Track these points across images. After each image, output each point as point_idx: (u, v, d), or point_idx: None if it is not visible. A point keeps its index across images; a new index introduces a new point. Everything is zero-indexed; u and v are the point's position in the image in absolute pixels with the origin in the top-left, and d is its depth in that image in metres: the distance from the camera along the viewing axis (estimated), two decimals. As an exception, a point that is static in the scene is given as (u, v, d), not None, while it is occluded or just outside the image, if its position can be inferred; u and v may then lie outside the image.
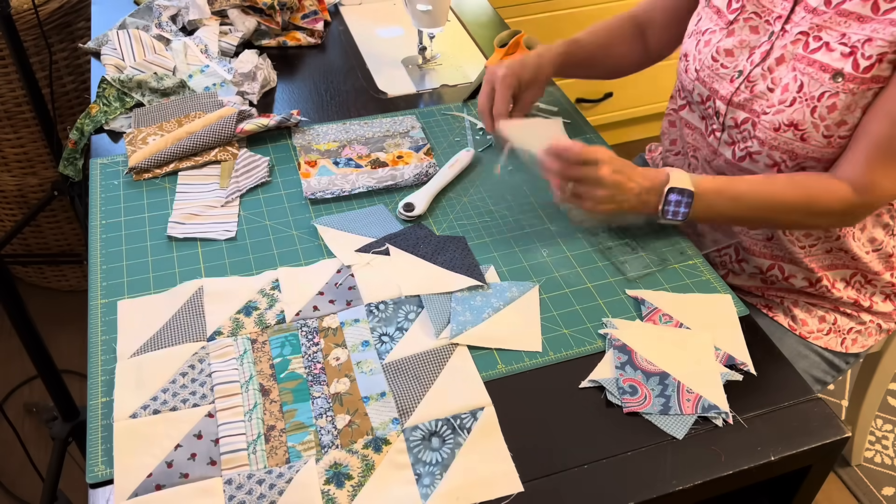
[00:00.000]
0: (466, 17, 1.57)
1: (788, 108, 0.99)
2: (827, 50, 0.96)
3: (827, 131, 0.98)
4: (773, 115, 1.01)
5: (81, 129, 1.20)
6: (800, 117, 0.98)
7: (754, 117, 1.04)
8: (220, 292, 0.93)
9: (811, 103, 0.97)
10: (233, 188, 1.08)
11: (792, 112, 0.99)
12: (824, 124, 0.98)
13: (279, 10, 1.41)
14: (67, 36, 1.73)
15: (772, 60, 1.02)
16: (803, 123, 0.98)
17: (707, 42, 1.09)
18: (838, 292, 1.15)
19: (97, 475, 0.75)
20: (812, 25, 0.98)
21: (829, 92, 0.96)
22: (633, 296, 0.95)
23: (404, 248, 1.00)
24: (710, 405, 0.83)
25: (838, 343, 1.18)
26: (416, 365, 0.86)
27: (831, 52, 0.96)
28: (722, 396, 0.83)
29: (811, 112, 0.98)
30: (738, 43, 1.06)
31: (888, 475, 1.72)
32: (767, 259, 1.15)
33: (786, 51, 1.00)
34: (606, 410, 0.83)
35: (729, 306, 0.95)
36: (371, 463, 0.77)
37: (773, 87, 1.01)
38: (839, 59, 0.95)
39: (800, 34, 0.99)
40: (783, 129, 1.00)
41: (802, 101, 0.98)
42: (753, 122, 1.04)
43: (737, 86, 1.05)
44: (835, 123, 0.97)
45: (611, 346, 0.88)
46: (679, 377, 0.85)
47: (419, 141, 1.19)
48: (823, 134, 0.98)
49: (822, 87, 0.96)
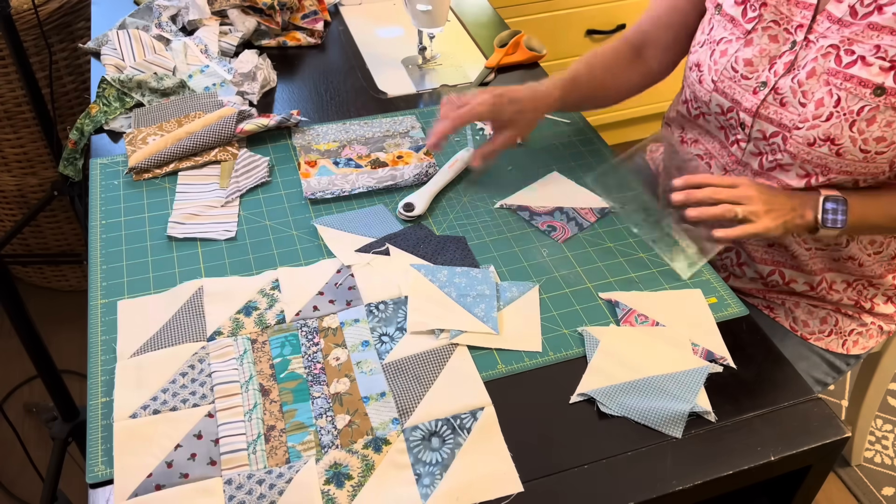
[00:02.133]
0: (466, 17, 1.57)
1: (825, 122, 0.97)
2: (864, 64, 0.94)
3: (864, 146, 0.97)
4: (806, 129, 0.99)
5: (81, 129, 1.20)
6: (837, 132, 0.97)
7: (784, 131, 1.02)
8: (220, 292, 0.93)
9: (850, 118, 0.96)
10: (233, 188, 1.08)
11: (829, 127, 0.97)
12: (862, 138, 0.96)
13: (279, 10, 1.41)
14: (67, 36, 1.73)
15: (802, 74, 1.00)
16: (840, 138, 0.97)
17: (724, 52, 1.07)
18: (837, 294, 1.15)
19: (97, 475, 0.76)
20: (842, 38, 0.96)
21: (870, 106, 0.95)
22: (605, 298, 0.95)
23: (404, 248, 1.00)
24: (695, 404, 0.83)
25: (839, 344, 1.18)
26: (416, 365, 0.86)
27: (869, 67, 0.94)
28: (703, 394, 0.84)
29: (850, 126, 0.96)
30: (757, 52, 1.04)
31: (888, 475, 1.72)
32: (768, 265, 1.15)
33: (816, 64, 0.98)
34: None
35: (700, 301, 0.95)
36: (371, 463, 0.77)
37: (806, 101, 0.99)
38: (879, 73, 0.93)
39: (830, 48, 0.97)
40: (818, 144, 0.99)
41: (840, 115, 0.96)
42: (784, 136, 1.02)
43: (762, 97, 1.03)
44: (873, 138, 0.96)
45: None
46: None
47: (419, 141, 1.19)
48: (861, 149, 0.97)
49: (862, 101, 0.95)
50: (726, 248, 1.19)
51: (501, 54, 1.38)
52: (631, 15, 2.28)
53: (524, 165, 1.16)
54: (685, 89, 1.19)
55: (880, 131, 0.96)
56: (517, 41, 1.39)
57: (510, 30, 1.44)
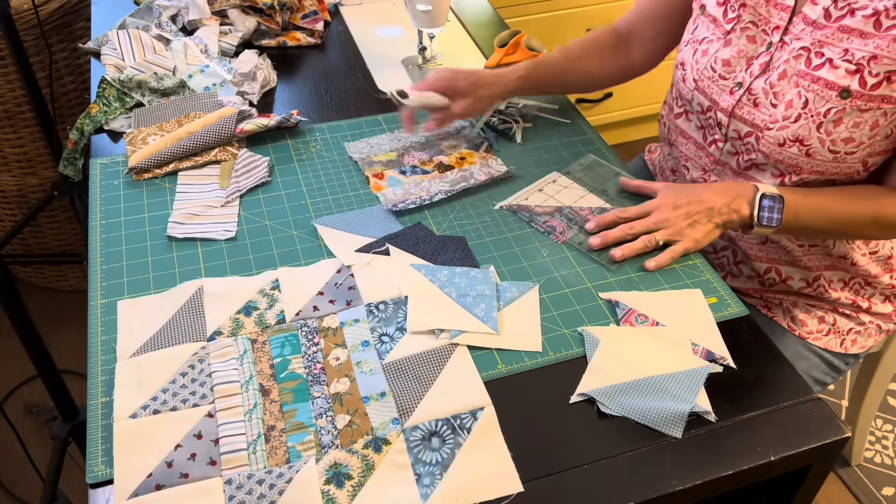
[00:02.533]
0: (466, 17, 1.57)
1: (793, 123, 0.98)
2: (831, 67, 0.95)
3: (833, 146, 0.98)
4: (776, 130, 1.00)
5: (81, 129, 1.20)
6: (805, 133, 0.98)
7: (757, 132, 1.03)
8: (220, 292, 0.93)
9: (817, 119, 0.97)
10: (233, 188, 1.08)
11: (797, 128, 0.98)
12: (830, 139, 0.97)
13: (279, 10, 1.41)
14: (67, 36, 1.74)
15: (774, 76, 1.00)
16: (809, 139, 0.98)
17: (705, 52, 1.08)
18: (835, 293, 1.15)
19: (97, 475, 0.76)
20: (813, 41, 0.97)
21: (836, 108, 0.95)
22: (605, 298, 0.95)
23: (404, 248, 1.00)
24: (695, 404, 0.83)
25: (838, 344, 1.18)
26: (416, 365, 0.86)
27: (836, 69, 0.95)
28: (703, 394, 0.84)
29: (817, 128, 0.97)
30: (735, 53, 1.05)
31: (888, 475, 1.72)
32: (764, 262, 1.15)
33: (788, 66, 0.99)
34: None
35: (700, 301, 0.95)
36: (371, 463, 0.77)
37: (777, 102, 1.00)
38: (845, 75, 0.94)
39: (801, 49, 0.98)
40: (788, 145, 1.00)
41: (808, 117, 0.97)
42: (757, 136, 1.03)
43: (738, 98, 1.04)
44: (841, 139, 0.97)
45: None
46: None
47: (475, 139, 1.20)
48: (829, 149, 0.98)
49: (829, 103, 0.96)
50: (722, 247, 1.19)
51: (501, 54, 1.38)
52: (631, 15, 2.28)
53: (524, 166, 1.16)
54: (672, 87, 1.20)
55: (848, 132, 0.96)
56: (517, 41, 1.39)
57: (510, 30, 1.44)
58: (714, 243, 1.20)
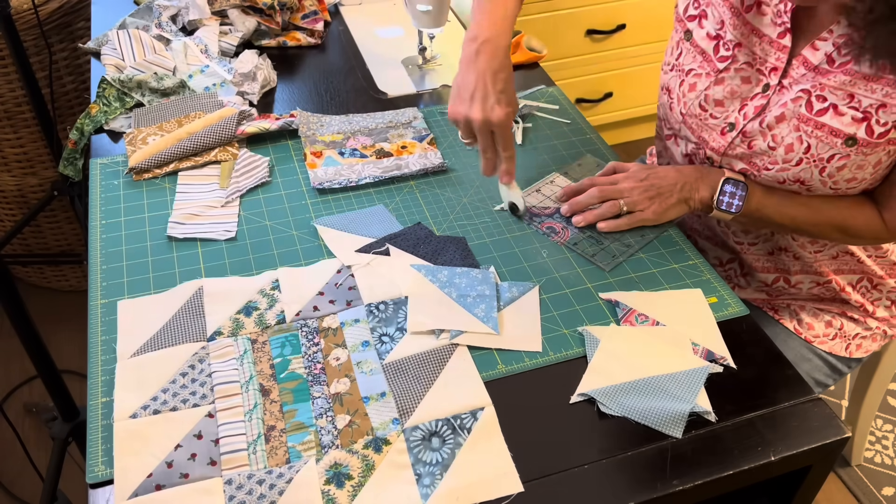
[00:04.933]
0: (466, 17, 1.57)
1: (795, 167, 0.97)
2: (836, 113, 0.92)
3: (835, 185, 0.97)
4: (776, 171, 0.99)
5: (81, 129, 1.20)
6: (807, 176, 0.97)
7: (754, 170, 1.01)
8: (220, 292, 0.93)
9: (819, 164, 0.95)
10: (233, 188, 1.08)
11: (799, 171, 0.97)
12: (832, 181, 0.96)
13: (279, 10, 1.41)
14: (67, 36, 1.73)
15: (771, 118, 0.97)
16: (810, 181, 0.97)
17: (693, 86, 1.04)
18: (847, 295, 1.14)
19: (97, 475, 0.75)
20: (815, 84, 0.93)
21: (840, 154, 0.93)
22: (605, 298, 0.95)
23: (404, 248, 1.00)
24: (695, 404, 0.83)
25: (843, 348, 1.17)
26: (416, 365, 0.86)
27: (841, 117, 0.91)
28: (703, 394, 0.84)
29: (819, 172, 0.96)
30: (728, 93, 1.01)
31: (888, 475, 1.72)
32: (771, 273, 1.14)
33: (786, 109, 0.96)
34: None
35: (701, 301, 0.95)
36: (371, 463, 0.77)
37: (775, 145, 0.97)
38: (851, 123, 0.91)
39: (801, 92, 0.94)
40: (788, 183, 0.99)
41: (810, 161, 0.95)
42: (753, 174, 1.02)
43: (730, 139, 1.02)
44: (844, 180, 0.96)
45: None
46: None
47: (422, 131, 1.20)
48: (831, 187, 0.97)
49: (833, 150, 0.93)
50: (728, 259, 1.19)
51: (501, 54, 1.38)
52: (631, 15, 2.28)
53: (524, 166, 1.16)
54: (659, 108, 1.17)
55: (851, 174, 0.95)
56: (517, 41, 1.39)
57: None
58: (720, 256, 1.19)
